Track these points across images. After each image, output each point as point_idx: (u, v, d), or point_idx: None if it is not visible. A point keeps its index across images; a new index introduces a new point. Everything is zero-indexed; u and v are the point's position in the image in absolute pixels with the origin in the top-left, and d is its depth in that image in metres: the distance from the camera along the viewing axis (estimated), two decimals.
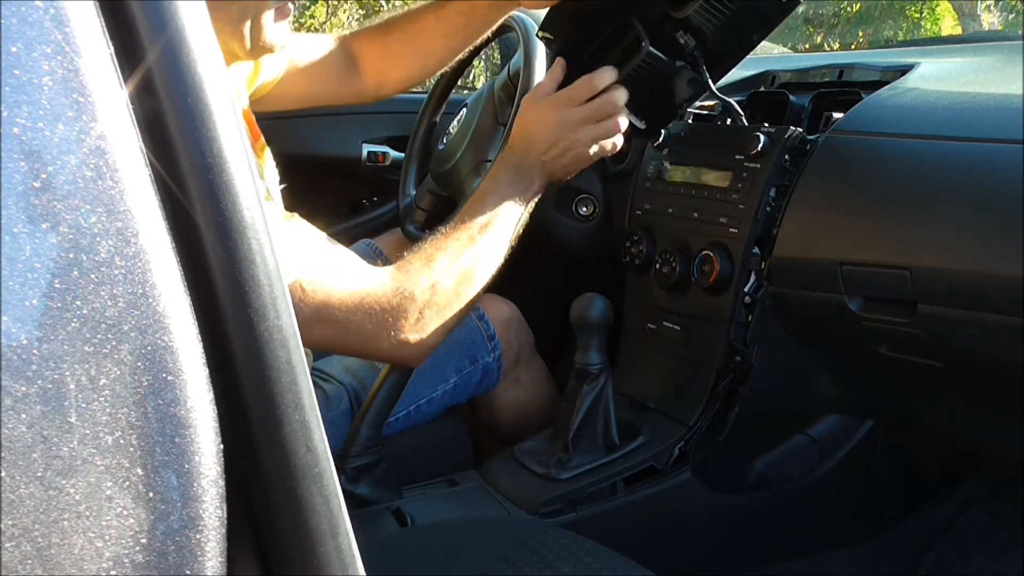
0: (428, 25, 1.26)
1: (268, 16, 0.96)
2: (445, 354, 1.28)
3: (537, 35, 1.20)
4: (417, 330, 0.98)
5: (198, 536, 0.37)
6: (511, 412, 1.37)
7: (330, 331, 0.96)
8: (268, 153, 1.11)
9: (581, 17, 1.12)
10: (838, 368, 1.21)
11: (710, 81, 1.12)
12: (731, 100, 1.24)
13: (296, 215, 1.00)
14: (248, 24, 0.96)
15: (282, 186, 1.16)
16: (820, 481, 1.24)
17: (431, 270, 0.99)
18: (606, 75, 1.05)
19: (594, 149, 1.07)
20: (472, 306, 1.03)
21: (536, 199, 1.08)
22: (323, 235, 1.01)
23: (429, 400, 1.29)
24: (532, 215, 1.09)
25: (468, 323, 1.29)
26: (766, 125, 1.16)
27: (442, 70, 1.37)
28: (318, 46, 1.29)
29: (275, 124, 1.19)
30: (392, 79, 1.33)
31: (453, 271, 1.00)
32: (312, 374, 1.24)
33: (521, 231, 1.08)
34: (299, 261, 0.93)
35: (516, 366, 1.36)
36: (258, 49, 0.98)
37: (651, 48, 1.06)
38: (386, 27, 1.30)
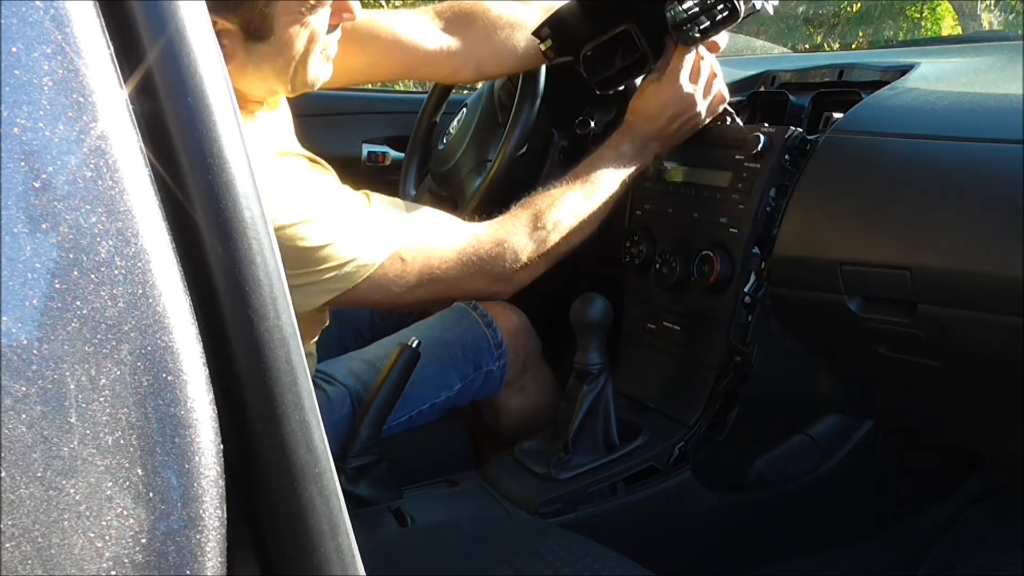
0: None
1: (314, 58, 1.01)
2: (450, 361, 1.28)
3: (532, 34, 1.21)
4: (514, 273, 1.12)
5: (198, 536, 0.37)
6: (516, 418, 1.37)
7: (432, 289, 1.09)
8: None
9: (582, 22, 1.19)
10: (838, 368, 1.21)
11: None
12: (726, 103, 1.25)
13: (369, 192, 1.07)
14: (293, 69, 1.00)
15: None
16: (820, 481, 1.24)
17: (538, 224, 1.12)
18: (708, 67, 1.18)
19: (706, 114, 1.20)
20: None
21: (648, 164, 1.22)
22: (403, 202, 1.10)
23: (432, 405, 1.28)
24: None
25: (475, 330, 1.30)
26: (766, 125, 1.16)
27: (516, 73, 1.36)
28: (398, 21, 1.26)
29: None
30: (483, 67, 1.31)
31: (560, 225, 1.13)
32: (315, 376, 1.24)
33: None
34: (392, 235, 1.03)
35: (523, 375, 1.36)
36: (300, 88, 1.04)
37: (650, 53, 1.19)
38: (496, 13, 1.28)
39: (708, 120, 1.21)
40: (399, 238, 1.03)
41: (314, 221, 0.99)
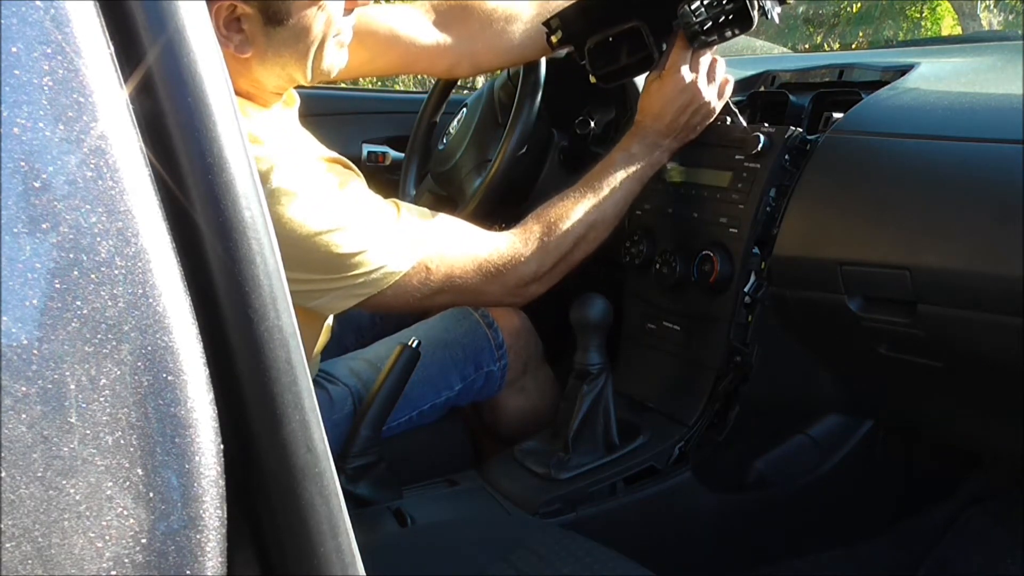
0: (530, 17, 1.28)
1: (330, 44, 1.03)
2: (451, 361, 1.28)
3: (543, 24, 1.22)
4: (531, 283, 1.15)
5: (198, 536, 0.37)
6: (516, 418, 1.37)
7: (450, 297, 1.12)
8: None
9: (593, 17, 1.20)
10: (838, 368, 1.21)
11: None
12: (728, 101, 1.25)
13: (397, 201, 1.10)
14: (312, 54, 1.02)
15: None
16: (820, 481, 1.24)
17: (551, 236, 1.14)
18: (709, 56, 1.17)
19: (716, 102, 1.19)
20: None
21: (664, 162, 1.22)
22: (428, 211, 1.12)
23: (432, 406, 1.29)
24: None
25: (477, 331, 1.30)
26: (766, 125, 1.16)
27: (512, 67, 1.38)
28: (394, 16, 1.28)
29: None
30: (479, 60, 1.32)
31: (572, 233, 1.15)
32: (316, 375, 1.24)
33: None
34: (419, 243, 1.06)
35: (523, 375, 1.36)
36: (318, 75, 1.06)
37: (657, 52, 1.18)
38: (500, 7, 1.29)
39: (719, 108, 1.20)
40: (425, 247, 1.06)
41: (348, 228, 1.01)
